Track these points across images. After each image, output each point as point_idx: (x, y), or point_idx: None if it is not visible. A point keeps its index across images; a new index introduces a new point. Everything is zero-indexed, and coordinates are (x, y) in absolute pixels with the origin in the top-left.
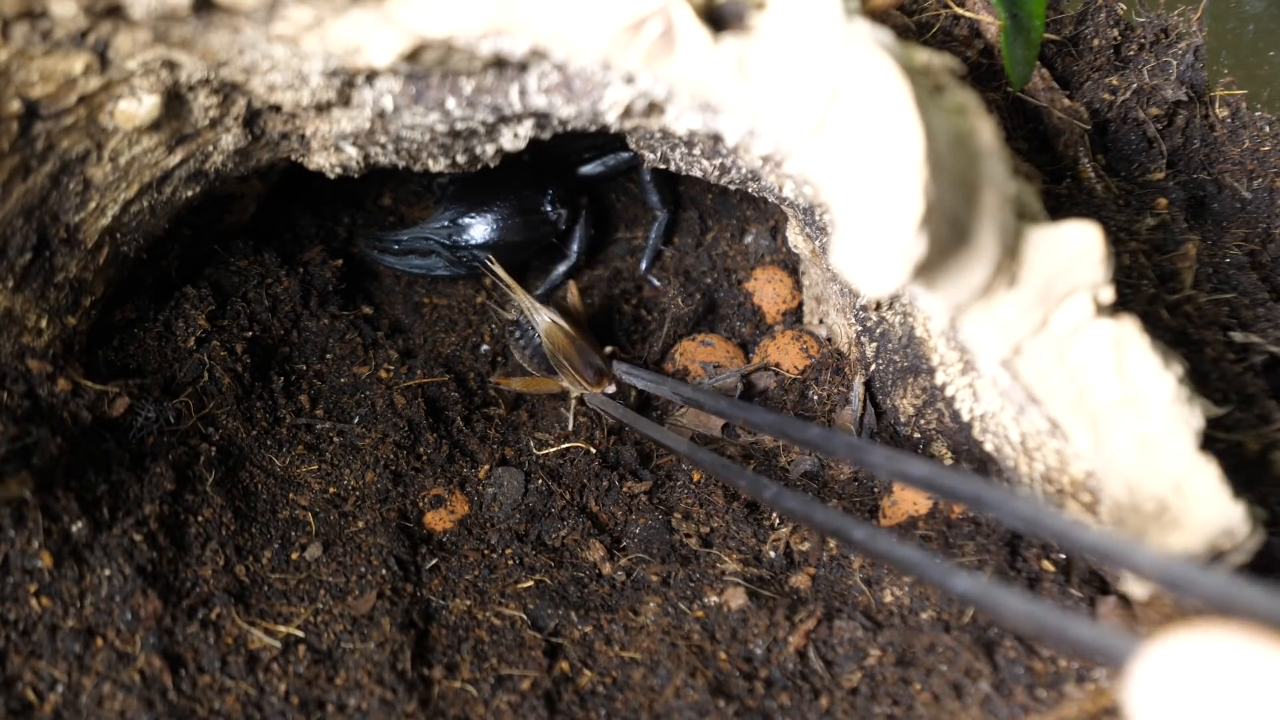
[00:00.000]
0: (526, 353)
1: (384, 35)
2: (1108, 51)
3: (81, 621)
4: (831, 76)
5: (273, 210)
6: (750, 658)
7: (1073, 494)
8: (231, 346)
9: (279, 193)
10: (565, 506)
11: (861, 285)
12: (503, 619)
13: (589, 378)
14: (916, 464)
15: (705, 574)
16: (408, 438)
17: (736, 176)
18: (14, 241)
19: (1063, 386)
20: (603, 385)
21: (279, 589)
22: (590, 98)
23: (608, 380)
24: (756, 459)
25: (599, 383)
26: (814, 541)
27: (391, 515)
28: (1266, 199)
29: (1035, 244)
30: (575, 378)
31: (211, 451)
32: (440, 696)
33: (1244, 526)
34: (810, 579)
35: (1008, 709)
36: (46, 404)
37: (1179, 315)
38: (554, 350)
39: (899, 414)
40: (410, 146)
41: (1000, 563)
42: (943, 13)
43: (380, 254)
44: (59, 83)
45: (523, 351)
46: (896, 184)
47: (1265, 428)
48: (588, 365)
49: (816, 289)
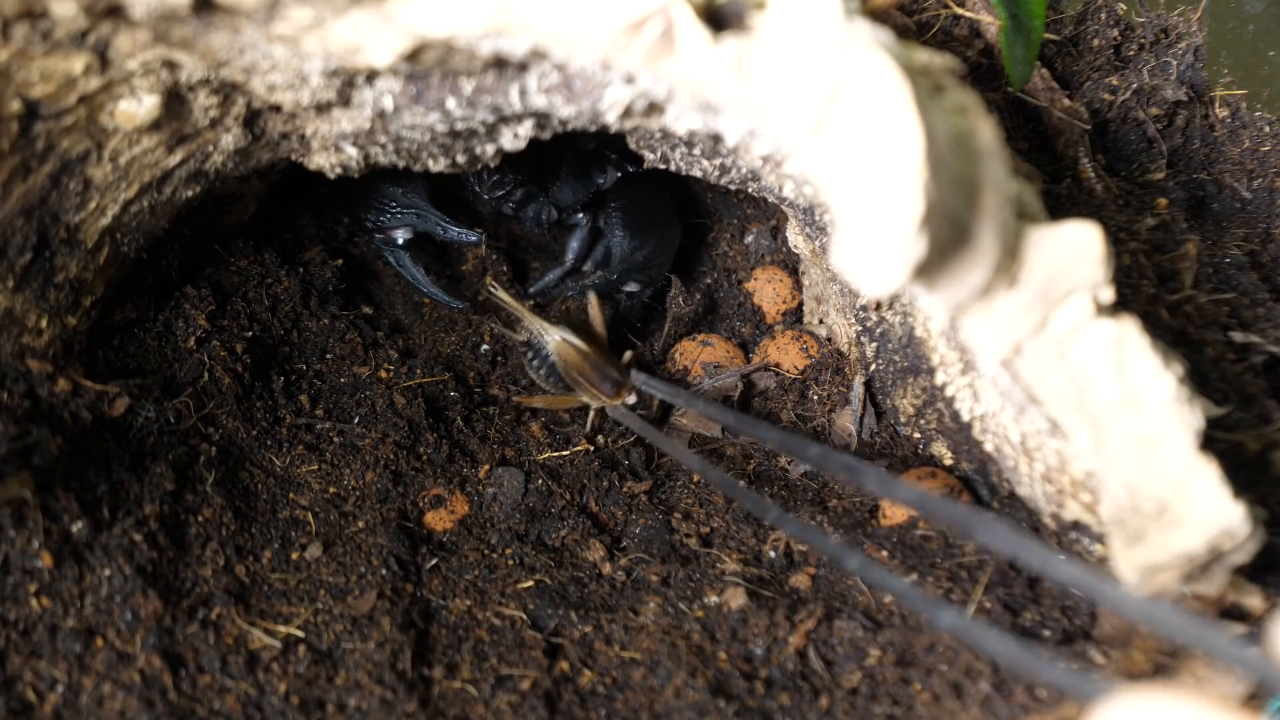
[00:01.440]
0: (541, 372)
1: (384, 35)
2: (1108, 51)
3: (81, 621)
4: (831, 76)
5: (273, 210)
6: (750, 658)
7: (1073, 494)
8: (231, 346)
9: (279, 193)
10: (565, 506)
11: (861, 285)
12: (503, 619)
13: (607, 390)
14: (905, 489)
15: (705, 574)
16: (408, 438)
17: (736, 176)
18: (14, 241)
19: (1063, 386)
20: (622, 396)
21: (279, 589)
22: (590, 98)
23: (627, 391)
24: (756, 459)
25: (618, 394)
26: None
27: (391, 515)
28: (1266, 199)
29: (1035, 244)
30: (593, 392)
31: (211, 451)
32: (440, 696)
33: (1244, 526)
34: (810, 579)
35: (1008, 709)
36: (46, 404)
37: (1179, 315)
38: (568, 368)
39: (899, 414)
40: (410, 146)
41: (1000, 562)
42: (943, 13)
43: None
44: (59, 83)
45: (537, 371)
46: (896, 184)
47: (1265, 428)
48: (605, 379)
49: (816, 289)
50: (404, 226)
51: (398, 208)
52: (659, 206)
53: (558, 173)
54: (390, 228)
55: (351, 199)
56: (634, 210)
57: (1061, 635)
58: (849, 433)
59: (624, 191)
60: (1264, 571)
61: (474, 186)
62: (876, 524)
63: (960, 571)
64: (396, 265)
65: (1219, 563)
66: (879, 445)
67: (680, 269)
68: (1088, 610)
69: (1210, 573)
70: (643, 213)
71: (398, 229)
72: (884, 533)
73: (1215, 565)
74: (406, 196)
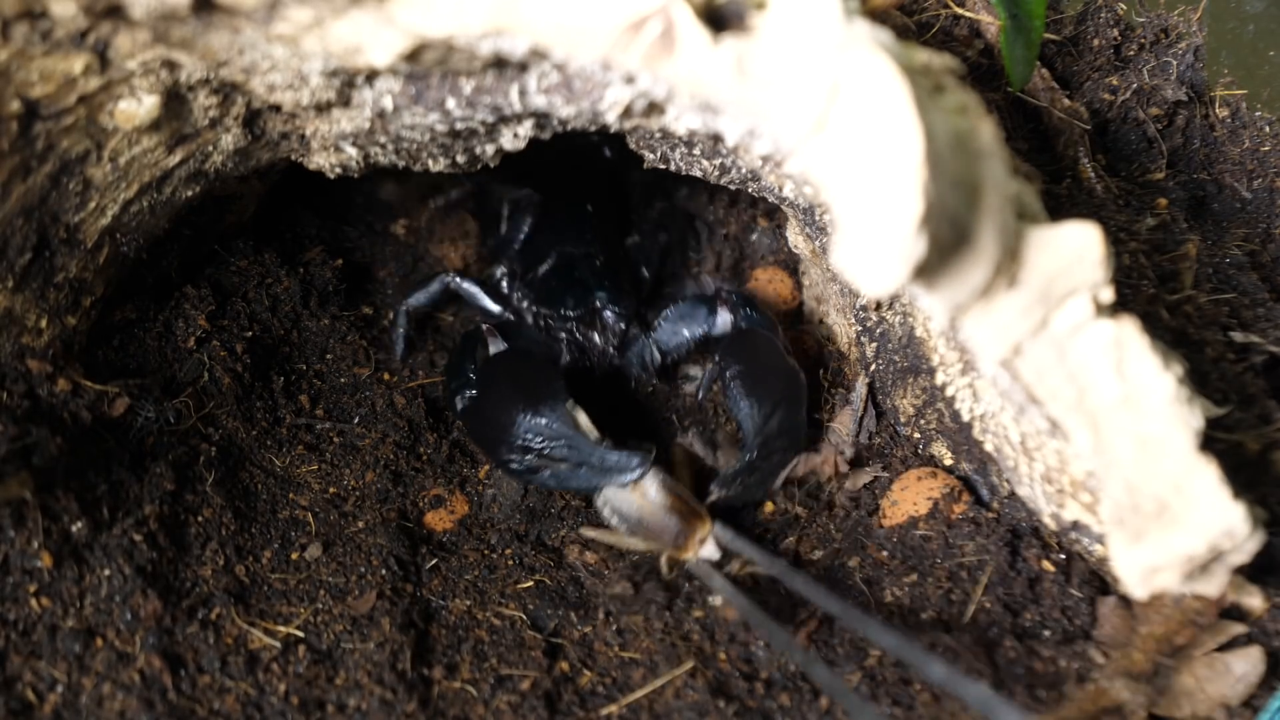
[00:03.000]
0: (614, 520)
1: (384, 35)
2: (1108, 51)
3: (81, 621)
4: (831, 77)
5: (273, 210)
6: (750, 658)
7: (1073, 494)
8: (231, 346)
9: (279, 193)
10: (565, 507)
11: (861, 285)
12: (503, 619)
13: (684, 543)
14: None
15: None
16: (408, 438)
17: (736, 176)
18: (14, 241)
19: (1063, 386)
20: (693, 549)
21: (279, 589)
22: (590, 98)
23: (701, 543)
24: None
25: (688, 546)
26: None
27: (391, 515)
28: (1266, 199)
29: (1035, 244)
30: (669, 549)
31: (211, 451)
32: (440, 696)
33: (1244, 527)
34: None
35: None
36: (46, 404)
37: (1179, 315)
38: (644, 521)
39: (899, 414)
40: (410, 146)
41: (1000, 563)
42: (943, 13)
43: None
44: (59, 83)
45: (611, 520)
46: (896, 184)
47: (1265, 428)
48: (682, 534)
49: (816, 289)
50: (558, 463)
51: (544, 441)
52: (774, 351)
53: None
54: (543, 469)
55: (485, 438)
56: (753, 369)
57: (1061, 635)
58: (848, 433)
59: (736, 348)
60: (1264, 571)
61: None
62: (877, 524)
63: (960, 571)
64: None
65: (1219, 563)
66: (879, 445)
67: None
68: (1088, 610)
69: (1210, 573)
70: (763, 367)
71: (546, 470)
72: (884, 533)
73: (1215, 565)
74: (552, 427)
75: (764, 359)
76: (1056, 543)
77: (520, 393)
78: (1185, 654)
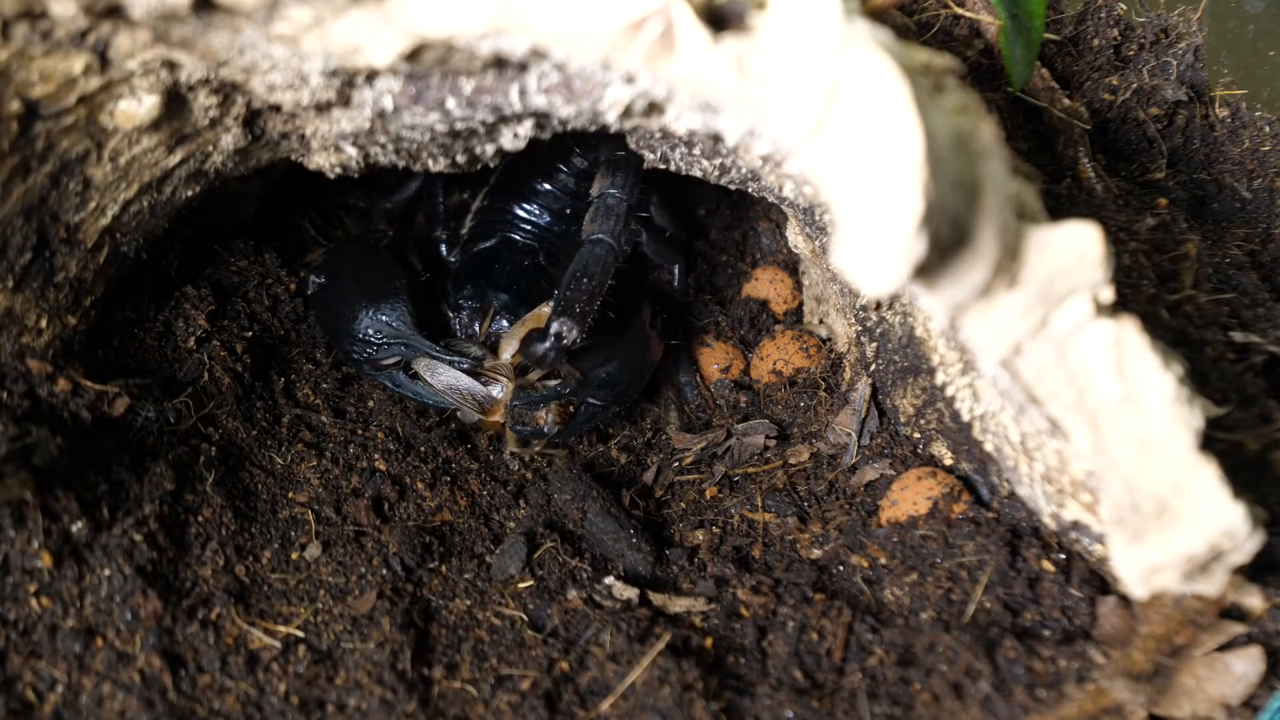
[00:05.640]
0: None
1: (384, 35)
2: (1108, 51)
3: (81, 621)
4: (831, 76)
5: (273, 210)
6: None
7: (1073, 494)
8: (231, 346)
9: (279, 193)
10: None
11: (861, 285)
12: (503, 619)
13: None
14: None
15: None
16: (408, 437)
17: (736, 176)
18: (14, 241)
19: (1063, 386)
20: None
21: (279, 589)
22: (590, 98)
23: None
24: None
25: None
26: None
27: (392, 514)
28: (1266, 199)
29: (1035, 244)
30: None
31: (211, 451)
32: (440, 696)
33: (1244, 527)
34: None
35: (1008, 709)
36: (46, 404)
37: (1179, 315)
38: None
39: (899, 414)
40: (410, 146)
41: (1000, 563)
42: (943, 13)
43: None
44: (59, 83)
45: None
46: (896, 184)
47: (1265, 428)
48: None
49: (816, 289)
50: (393, 358)
51: (384, 338)
52: (636, 330)
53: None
54: (380, 359)
55: (338, 332)
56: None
57: (1061, 635)
58: (848, 433)
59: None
60: (1264, 571)
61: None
62: (876, 523)
63: (960, 571)
64: (395, 388)
65: (1219, 563)
66: (878, 445)
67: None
68: (1088, 610)
69: (1210, 573)
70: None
71: (387, 360)
72: (884, 532)
73: (1215, 565)
74: (393, 326)
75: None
76: (1056, 542)
77: (363, 287)
78: (1185, 654)
